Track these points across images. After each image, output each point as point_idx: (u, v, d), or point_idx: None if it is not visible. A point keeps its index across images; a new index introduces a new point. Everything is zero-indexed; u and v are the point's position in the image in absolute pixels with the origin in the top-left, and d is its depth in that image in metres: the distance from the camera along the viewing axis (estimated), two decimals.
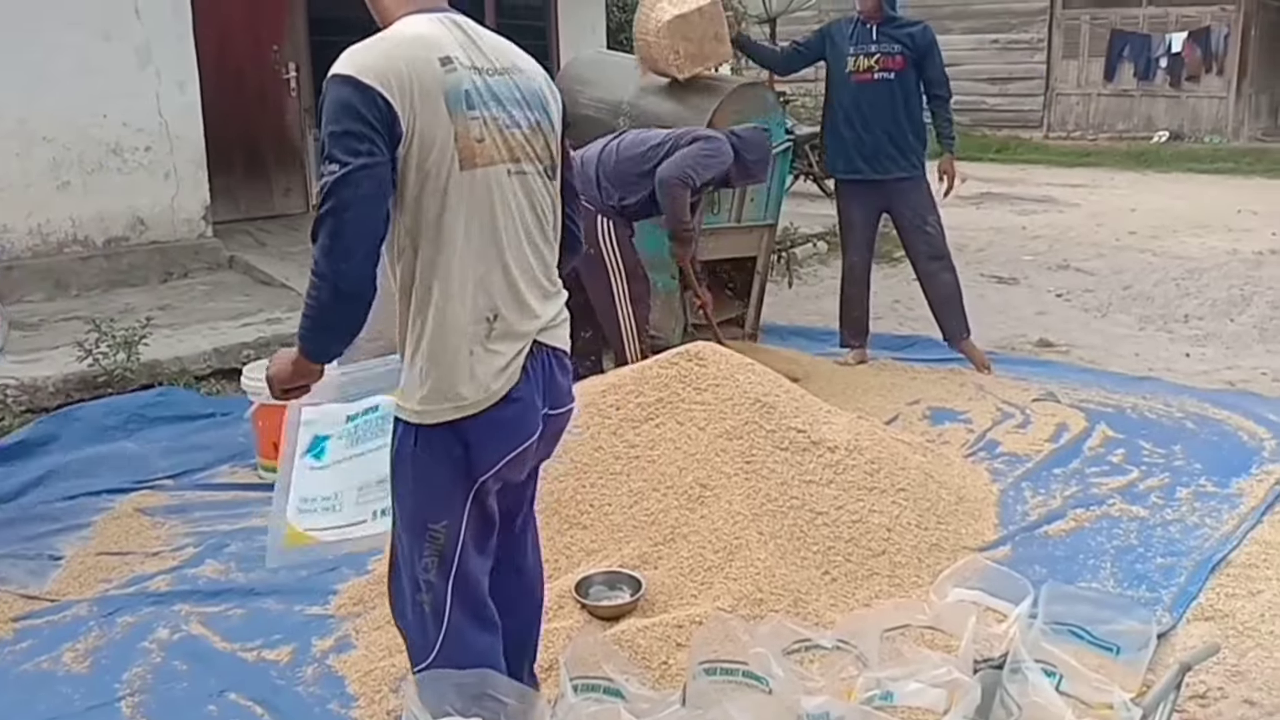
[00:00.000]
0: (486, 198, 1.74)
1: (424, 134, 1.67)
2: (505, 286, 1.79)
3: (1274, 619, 2.68)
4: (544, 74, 1.94)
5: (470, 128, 1.71)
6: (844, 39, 4.69)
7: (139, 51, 5.60)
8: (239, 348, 4.67)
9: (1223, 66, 14.60)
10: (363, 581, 2.91)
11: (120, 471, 3.71)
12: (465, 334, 1.75)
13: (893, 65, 4.60)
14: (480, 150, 1.72)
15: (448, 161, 1.69)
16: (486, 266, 1.76)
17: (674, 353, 3.37)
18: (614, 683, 1.98)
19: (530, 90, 1.84)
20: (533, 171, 1.82)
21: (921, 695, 2.07)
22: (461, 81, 1.70)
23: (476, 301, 1.75)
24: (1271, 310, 6.09)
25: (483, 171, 1.73)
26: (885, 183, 4.71)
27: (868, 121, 4.63)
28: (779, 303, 6.12)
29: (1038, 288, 6.74)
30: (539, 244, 1.86)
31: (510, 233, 1.79)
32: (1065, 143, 15.16)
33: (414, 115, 1.66)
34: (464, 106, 1.70)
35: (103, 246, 5.66)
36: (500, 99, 1.77)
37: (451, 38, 1.75)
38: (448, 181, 1.70)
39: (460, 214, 1.72)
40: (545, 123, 1.86)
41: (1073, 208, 10.07)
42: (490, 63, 1.78)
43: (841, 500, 3.00)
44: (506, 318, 1.78)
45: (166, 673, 2.53)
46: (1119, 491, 3.50)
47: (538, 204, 1.85)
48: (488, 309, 1.76)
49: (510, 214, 1.78)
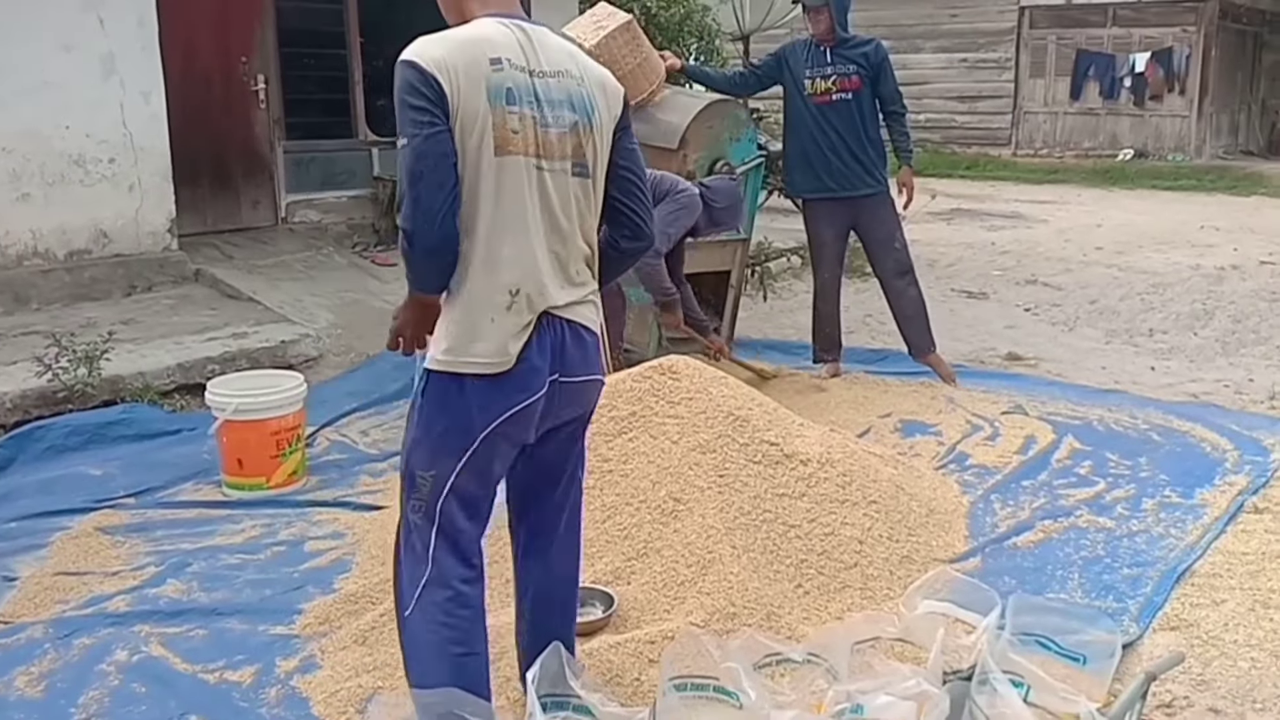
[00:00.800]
0: (517, 184, 1.94)
1: (465, 118, 1.88)
2: (528, 266, 1.96)
3: (1238, 628, 2.70)
4: (603, 80, 2.09)
5: (508, 120, 1.91)
6: (799, 62, 4.73)
7: (103, 61, 5.53)
8: (204, 362, 4.60)
9: (1185, 86, 14.91)
10: (329, 601, 2.87)
11: (80, 490, 3.63)
12: (490, 302, 1.94)
13: (850, 86, 4.66)
14: (514, 140, 1.92)
15: (485, 146, 1.90)
16: (513, 246, 1.94)
17: (647, 366, 3.36)
18: (582, 700, 1.96)
19: (576, 94, 2.01)
20: (559, 169, 1.99)
21: (891, 708, 2.06)
22: (505, 80, 1.91)
23: (501, 275, 1.94)
24: (1233, 324, 6.19)
25: (512, 159, 1.93)
26: (853, 200, 4.76)
27: (832, 142, 4.69)
28: (753, 317, 6.14)
29: (1006, 302, 6.81)
30: (565, 234, 2.01)
31: (535, 219, 1.96)
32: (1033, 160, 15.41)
33: (460, 100, 1.87)
34: (504, 101, 1.91)
35: (64, 259, 5.56)
36: (542, 99, 1.96)
37: (511, 40, 1.96)
38: (483, 163, 1.91)
39: (493, 194, 1.92)
40: (585, 125, 2.02)
41: (1040, 224, 10.21)
42: (542, 66, 1.98)
43: (814, 513, 3.00)
44: (527, 294, 1.95)
45: (124, 696, 2.46)
46: (1086, 503, 3.53)
47: (563, 199, 2.00)
48: (510, 284, 1.94)
49: (534, 202, 1.96)
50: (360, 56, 7.26)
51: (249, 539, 3.32)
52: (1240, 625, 2.71)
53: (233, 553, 3.21)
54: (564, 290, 2.01)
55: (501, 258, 1.94)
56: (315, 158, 7.16)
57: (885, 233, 4.81)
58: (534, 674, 1.92)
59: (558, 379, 2.01)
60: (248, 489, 3.62)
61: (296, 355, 4.93)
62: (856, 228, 4.86)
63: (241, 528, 3.40)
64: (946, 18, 16.02)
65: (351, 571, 3.04)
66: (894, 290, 4.89)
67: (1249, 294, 6.96)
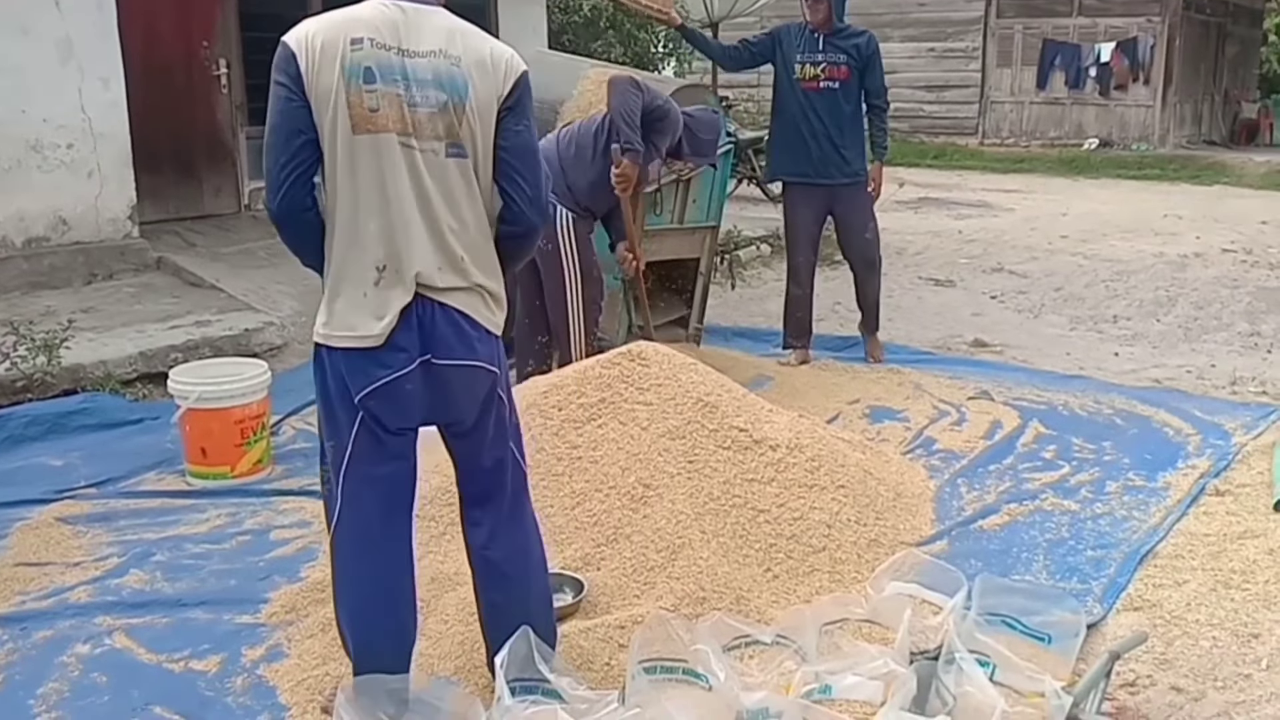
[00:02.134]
0: (376, 162, 1.95)
1: (319, 96, 1.92)
2: (396, 244, 1.97)
3: (1199, 608, 2.74)
4: (486, 60, 2.03)
5: (364, 98, 1.93)
6: (792, 46, 4.76)
7: (59, 46, 5.41)
8: (166, 351, 4.54)
9: (1149, 76, 15.08)
10: (295, 589, 2.84)
11: (40, 481, 3.57)
12: (359, 278, 1.98)
13: (838, 75, 4.70)
14: (373, 119, 1.93)
15: (340, 123, 1.93)
16: (378, 222, 1.96)
17: (616, 352, 3.35)
18: (551, 684, 1.95)
19: (447, 74, 1.99)
20: (431, 149, 1.98)
21: (859, 688, 2.08)
22: (364, 59, 1.93)
23: (367, 251, 1.97)
24: (1195, 310, 6.28)
25: (373, 138, 1.94)
26: (831, 187, 4.80)
27: (814, 128, 4.73)
28: (722, 305, 6.14)
29: (973, 290, 6.87)
30: (445, 216, 2.00)
31: (399, 197, 1.97)
32: (999, 149, 15.53)
33: (314, 77, 1.92)
34: (360, 79, 1.92)
35: (22, 247, 5.45)
36: (410, 79, 1.96)
37: (384, 19, 1.97)
38: (339, 141, 1.94)
39: (350, 171, 1.95)
40: (458, 105, 1.99)
41: (1007, 212, 10.30)
42: (414, 46, 1.97)
43: (783, 498, 3.01)
44: (397, 270, 1.97)
45: (85, 687, 2.42)
46: (1051, 486, 3.57)
47: (438, 179, 1.99)
48: (377, 260, 1.97)
49: (400, 179, 1.96)
50: None
51: (214, 528, 3.28)
52: (1202, 605, 2.75)
53: (197, 542, 3.17)
54: (445, 274, 2.00)
55: (367, 233, 1.96)
56: None
57: (859, 221, 4.89)
58: (503, 658, 1.92)
59: (429, 360, 2.00)
60: (212, 478, 3.58)
61: (261, 343, 4.87)
62: (832, 214, 4.91)
63: (206, 517, 3.36)
64: (914, 6, 16.07)
65: (318, 559, 3.01)
66: (858, 278, 5.07)
67: (1211, 281, 7.07)
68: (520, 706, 1.84)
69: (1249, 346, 5.55)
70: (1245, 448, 3.88)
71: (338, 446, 2.06)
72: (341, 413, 2.03)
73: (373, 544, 2.10)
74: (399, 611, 2.16)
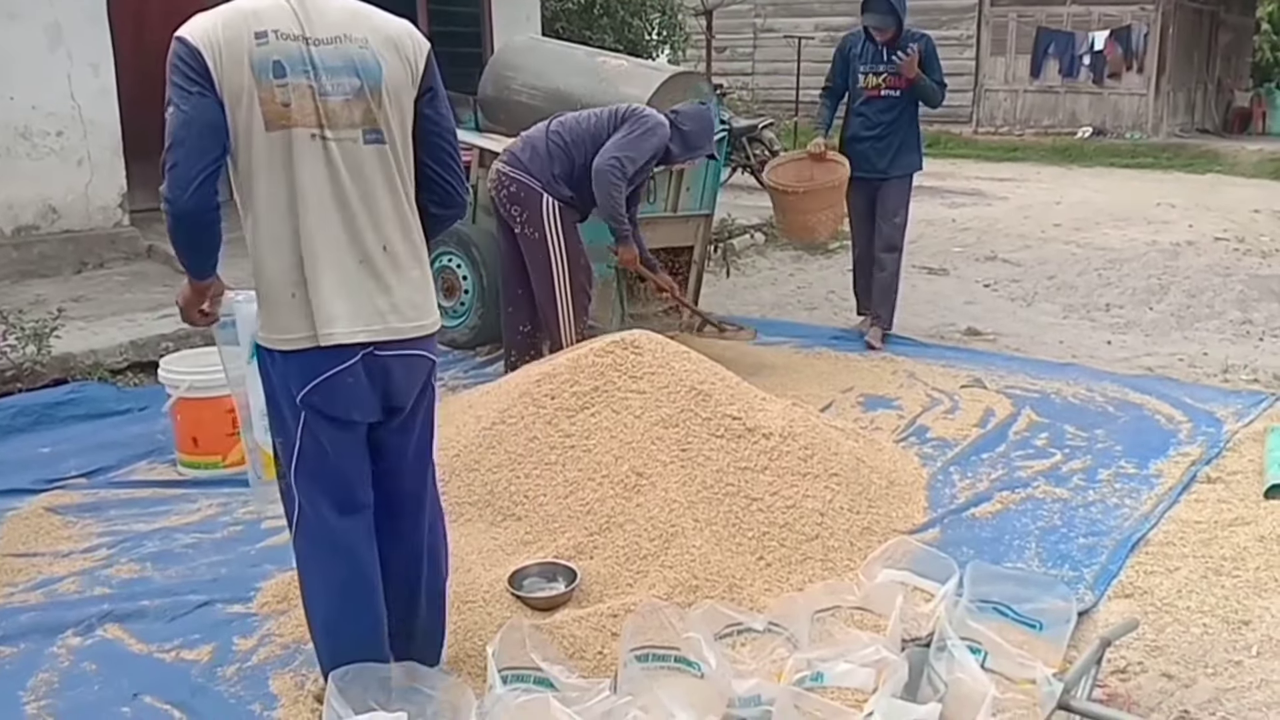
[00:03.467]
0: (287, 159, 1.90)
1: (231, 93, 1.87)
2: (320, 241, 1.92)
3: (1190, 595, 2.75)
4: (396, 40, 2.00)
5: (276, 93, 1.87)
6: (855, 56, 5.13)
7: (48, 32, 5.37)
8: (157, 340, 4.51)
9: (1142, 64, 15.07)
10: (286, 578, 2.82)
11: (29, 471, 3.55)
12: (283, 280, 1.93)
13: (897, 84, 5.05)
14: (286, 114, 1.88)
15: (254, 121, 1.88)
16: (294, 221, 1.92)
17: (609, 341, 3.34)
18: (543, 672, 1.95)
19: (358, 57, 1.94)
20: (348, 138, 1.93)
21: (851, 675, 2.08)
22: (272, 53, 1.88)
23: (286, 252, 1.92)
24: (1188, 299, 6.29)
25: (285, 133, 1.89)
26: (883, 180, 5.15)
27: (876, 132, 5.08)
28: (717, 293, 6.14)
29: (966, 278, 6.87)
30: (363, 207, 1.96)
31: (315, 193, 1.92)
32: (993, 138, 15.51)
33: (223, 74, 1.87)
34: (270, 75, 1.87)
35: (11, 235, 5.42)
36: (319, 68, 1.91)
37: (281, 10, 1.92)
38: (254, 139, 1.89)
39: (267, 171, 1.90)
40: (374, 89, 1.95)
41: (1000, 201, 10.30)
42: (317, 33, 1.92)
43: (776, 486, 3.01)
44: (319, 269, 1.92)
45: (76, 677, 2.41)
46: (1043, 474, 3.57)
47: (353, 169, 1.94)
48: (295, 260, 1.92)
49: (315, 176, 1.91)
50: None
51: (205, 518, 3.27)
52: (1193, 592, 2.77)
53: (188, 532, 3.16)
54: (381, 271, 1.97)
55: (286, 234, 1.91)
56: None
57: (890, 207, 5.18)
58: (495, 647, 1.91)
59: (372, 352, 1.98)
60: (203, 467, 3.56)
61: None
62: (874, 199, 5.19)
63: (197, 506, 3.34)
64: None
65: None
66: (877, 261, 5.23)
67: (1204, 269, 7.08)
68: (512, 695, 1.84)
69: (1241, 334, 5.57)
70: (1237, 435, 3.90)
71: (286, 444, 2.03)
72: (287, 411, 2.00)
73: (332, 542, 2.06)
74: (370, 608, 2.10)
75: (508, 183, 3.99)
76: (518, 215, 3.99)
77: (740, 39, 17.09)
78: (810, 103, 15.74)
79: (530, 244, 4.00)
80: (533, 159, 3.98)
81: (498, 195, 4.03)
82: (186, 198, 1.87)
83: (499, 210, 4.06)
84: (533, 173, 3.96)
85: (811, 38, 14.48)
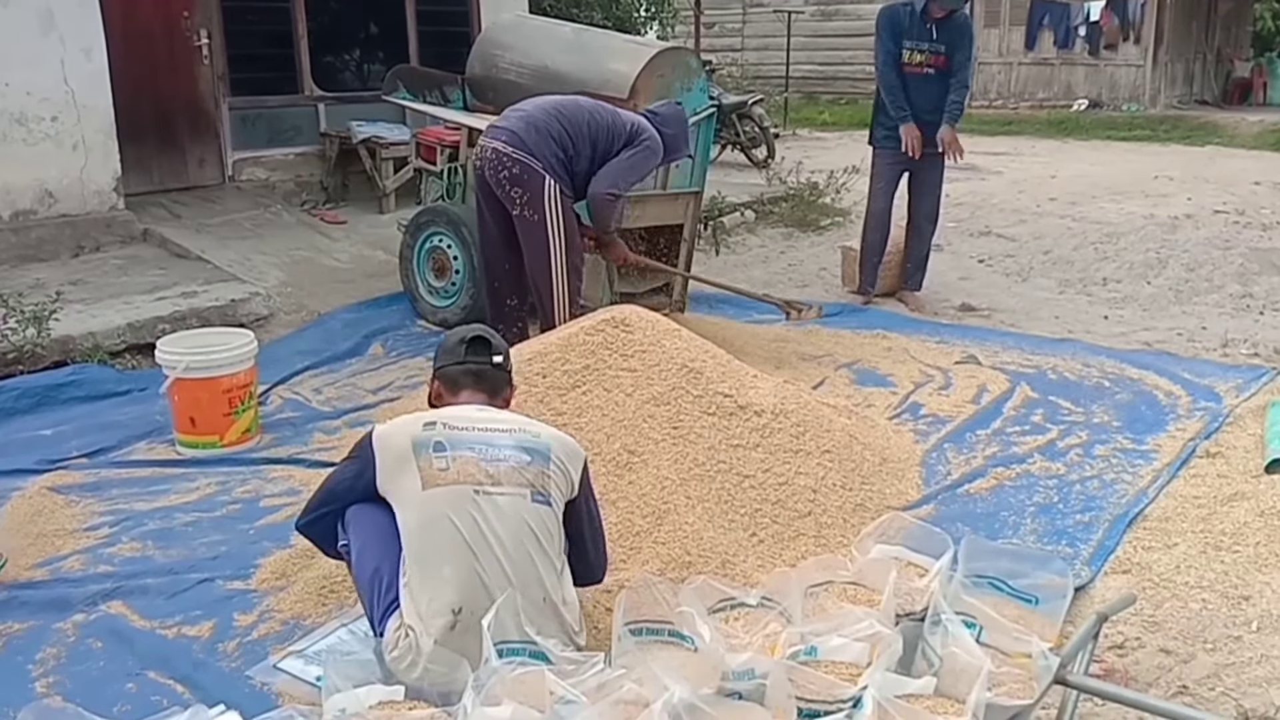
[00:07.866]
0: (446, 511, 2.11)
1: (387, 471, 2.17)
2: (468, 588, 2.09)
3: (1188, 570, 2.74)
4: (558, 436, 2.32)
5: (434, 461, 2.15)
6: (901, 30, 5.16)
7: (40, 17, 5.35)
8: (154, 322, 4.53)
9: (1139, 35, 14.94)
10: (285, 555, 2.86)
11: (32, 452, 3.59)
12: (435, 613, 2.08)
13: (938, 64, 5.17)
14: (443, 475, 2.13)
15: (411, 483, 2.14)
16: (450, 568, 2.10)
17: (599, 319, 3.34)
18: (538, 645, 1.97)
19: (529, 443, 2.23)
20: (516, 494, 2.15)
21: (844, 649, 2.09)
22: (435, 436, 2.18)
23: (440, 594, 2.09)
24: (1186, 273, 6.27)
25: (446, 489, 2.12)
26: (929, 154, 5.27)
27: (915, 107, 5.19)
28: (706, 271, 6.10)
29: (961, 253, 6.85)
30: (519, 558, 2.14)
31: (476, 541, 2.11)
32: (988, 111, 15.39)
33: (385, 467, 2.18)
34: (430, 450, 2.16)
35: (9, 220, 5.42)
36: (488, 445, 2.19)
37: (454, 413, 2.26)
38: (408, 498, 2.14)
39: (423, 523, 2.12)
40: (542, 463, 2.21)
41: (995, 175, 10.25)
42: (489, 425, 2.24)
43: (768, 463, 3.03)
44: (472, 613, 2.05)
45: (82, 653, 2.45)
46: (1039, 450, 3.57)
47: (508, 523, 2.14)
48: (451, 603, 2.08)
49: (476, 527, 2.11)
50: (305, 11, 7.09)
51: (204, 496, 3.30)
52: (1191, 567, 2.75)
53: (188, 511, 3.19)
54: (528, 616, 2.09)
55: (439, 577, 2.09)
56: (261, 114, 7.01)
57: (932, 183, 5.45)
58: (489, 620, 1.94)
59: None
60: (201, 447, 3.59)
61: (247, 314, 4.87)
62: (911, 173, 5.39)
63: (196, 486, 3.37)
64: None
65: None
66: (916, 228, 5.52)
67: (1202, 243, 7.04)
68: (507, 668, 1.86)
69: (1241, 308, 5.54)
70: (1236, 410, 3.87)
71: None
72: None
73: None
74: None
75: (509, 164, 3.95)
76: (518, 197, 3.97)
77: (729, 14, 16.98)
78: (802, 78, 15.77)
79: (528, 225, 4.00)
80: (537, 141, 3.96)
81: (496, 175, 3.99)
82: (303, 524, 2.40)
83: (494, 189, 4.04)
84: (536, 155, 3.95)
85: (801, 12, 14.36)
